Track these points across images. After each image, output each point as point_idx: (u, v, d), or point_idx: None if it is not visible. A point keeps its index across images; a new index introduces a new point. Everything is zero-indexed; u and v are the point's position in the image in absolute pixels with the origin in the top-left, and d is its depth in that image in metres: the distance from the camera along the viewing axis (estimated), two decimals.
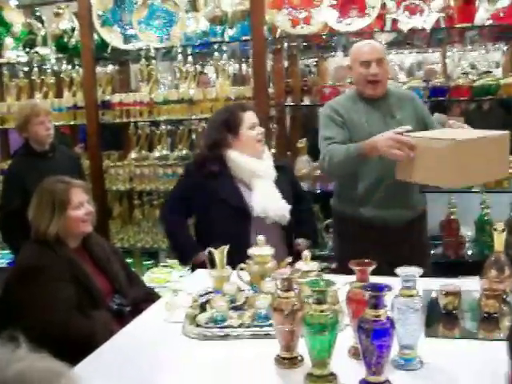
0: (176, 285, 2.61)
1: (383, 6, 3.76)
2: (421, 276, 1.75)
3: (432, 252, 3.92)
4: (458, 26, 3.71)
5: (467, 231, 4.10)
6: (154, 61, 4.39)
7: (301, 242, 3.07)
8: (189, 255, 2.98)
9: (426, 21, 3.68)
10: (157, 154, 4.49)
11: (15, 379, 0.94)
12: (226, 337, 2.00)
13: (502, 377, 1.51)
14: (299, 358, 1.75)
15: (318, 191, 3.98)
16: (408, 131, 2.97)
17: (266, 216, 2.90)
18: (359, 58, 3.00)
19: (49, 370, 1.00)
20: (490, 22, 3.68)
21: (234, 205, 2.92)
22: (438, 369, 1.73)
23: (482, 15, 3.77)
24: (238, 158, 2.98)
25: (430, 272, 2.96)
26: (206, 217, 3.00)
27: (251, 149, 3.00)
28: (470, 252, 4.01)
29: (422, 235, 3.25)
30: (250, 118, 3.02)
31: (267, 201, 2.91)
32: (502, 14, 3.59)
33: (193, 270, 2.98)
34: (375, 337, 1.53)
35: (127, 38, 4.36)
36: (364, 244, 2.86)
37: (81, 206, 2.63)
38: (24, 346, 1.01)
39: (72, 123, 4.67)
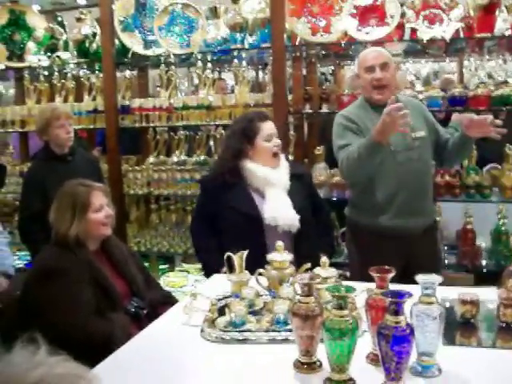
0: (194, 289, 2.63)
1: (403, 15, 3.78)
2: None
3: (447, 261, 3.93)
4: (477, 36, 3.71)
5: (483, 241, 4.09)
6: (173, 67, 4.43)
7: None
8: (212, 271, 2.95)
9: (445, 31, 3.69)
10: (175, 159, 4.54)
11: None
12: (244, 341, 2.01)
13: None
14: (318, 362, 1.76)
15: (335, 199, 3.98)
16: (423, 137, 3.05)
17: (277, 224, 2.93)
18: (364, 64, 3.03)
19: (68, 373, 1.01)
20: (509, 32, 3.68)
21: (246, 212, 2.96)
22: (455, 377, 1.73)
23: (501, 25, 3.78)
24: (252, 167, 3.01)
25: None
26: (221, 225, 3.03)
27: (266, 160, 3.02)
28: (485, 262, 4.00)
29: (436, 244, 3.27)
30: (267, 128, 3.02)
31: (278, 209, 2.94)
32: None
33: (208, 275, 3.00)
34: (395, 343, 1.54)
35: (147, 44, 4.41)
36: (379, 253, 2.85)
37: (101, 208, 2.66)
38: (43, 349, 1.03)
39: (91, 127, 4.71)
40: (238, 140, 3.03)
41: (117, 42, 4.43)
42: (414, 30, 3.81)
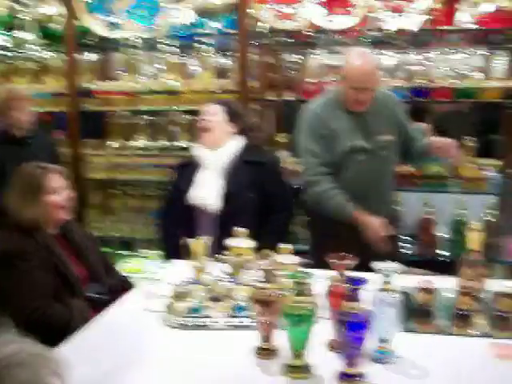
0: (156, 275, 2.61)
1: (369, 4, 3.79)
2: None
3: (408, 251, 3.97)
4: (441, 28, 3.74)
5: (443, 231, 4.15)
6: (137, 50, 4.37)
7: None
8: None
9: (411, 22, 3.72)
10: (137, 143, 4.49)
11: (7, 361, 0.95)
12: (204, 327, 2.01)
13: (473, 371, 1.54)
14: (277, 348, 1.77)
15: (298, 186, 3.98)
16: (389, 140, 3.07)
17: (194, 203, 3.01)
18: (352, 83, 2.95)
19: (38, 354, 1.01)
20: (474, 26, 3.73)
21: (183, 191, 3.06)
22: (412, 363, 1.76)
23: (466, 19, 3.82)
24: (193, 148, 3.13)
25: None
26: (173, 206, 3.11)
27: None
28: (444, 251, 4.06)
29: (395, 234, 3.28)
30: (204, 110, 3.15)
31: (200, 189, 3.02)
32: (485, 19, 3.63)
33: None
34: (353, 329, 1.56)
35: (112, 27, 4.33)
36: (337, 239, 2.77)
37: (59, 191, 2.60)
38: (12, 331, 1.03)
39: (52, 110, 4.61)
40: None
41: (80, 23, 4.34)
42: (379, 21, 3.82)
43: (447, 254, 4.01)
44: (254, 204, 3.08)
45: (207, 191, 3.02)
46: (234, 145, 3.14)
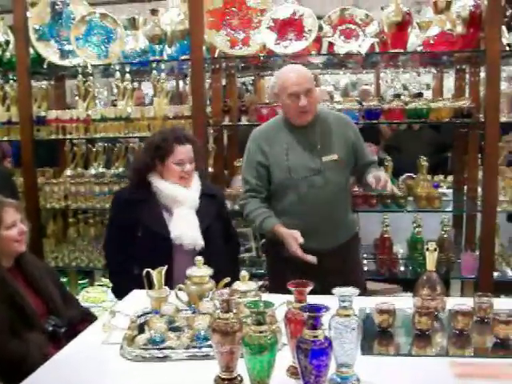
0: (113, 306, 2.58)
1: (320, 29, 3.86)
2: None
3: (366, 269, 4.01)
4: (391, 51, 3.83)
5: (400, 249, 4.22)
6: (91, 77, 4.35)
7: None
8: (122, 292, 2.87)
9: (361, 45, 3.80)
10: (93, 171, 4.45)
11: None
12: (164, 358, 1.99)
13: None
14: (239, 378, 1.75)
15: None
16: (335, 160, 3.01)
17: (181, 243, 2.93)
18: (287, 89, 2.92)
19: None
20: (421, 48, 3.83)
21: (155, 230, 2.95)
22: None
23: (414, 41, 3.92)
24: (161, 184, 3.00)
25: (364, 291, 3.03)
26: (131, 241, 2.99)
27: (174, 180, 3.01)
28: (402, 269, 4.11)
29: (356, 256, 3.30)
30: (180, 152, 2.98)
31: (182, 228, 2.94)
32: (431, 42, 3.73)
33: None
34: (313, 357, 1.56)
35: (64, 54, 4.30)
36: (295, 267, 2.80)
37: (13, 225, 2.58)
38: None
39: (5, 139, 4.54)
40: (150, 156, 3.01)
41: (32, 51, 4.29)
42: (331, 44, 3.90)
43: (406, 271, 4.07)
44: (221, 234, 3.11)
45: (189, 228, 2.96)
46: (197, 179, 3.12)
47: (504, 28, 3.62)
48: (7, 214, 2.57)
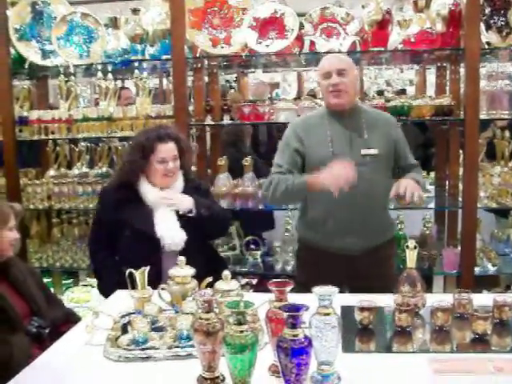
0: (96, 307, 2.58)
1: (301, 27, 3.87)
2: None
3: None
4: (372, 49, 3.85)
5: None
6: (73, 77, 4.33)
7: None
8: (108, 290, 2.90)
9: (342, 44, 3.82)
10: (76, 171, 4.44)
11: None
12: (147, 358, 2.00)
13: None
14: (221, 377, 1.77)
15: (238, 209, 4.01)
16: (374, 155, 2.90)
17: (163, 244, 2.96)
18: (321, 70, 2.93)
19: None
20: (402, 46, 3.85)
21: (143, 230, 2.97)
22: (355, 383, 1.79)
23: (396, 39, 3.94)
24: (144, 186, 3.03)
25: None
26: (117, 240, 3.02)
27: (157, 179, 3.03)
28: None
29: (390, 261, 3.11)
30: (163, 150, 2.99)
31: (164, 229, 2.97)
32: (412, 40, 3.76)
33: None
34: (294, 355, 1.58)
35: (45, 54, 4.28)
36: (320, 270, 2.79)
37: (13, 229, 2.63)
38: None
39: None
40: (135, 155, 3.03)
41: (13, 51, 4.27)
42: (312, 42, 3.91)
43: None
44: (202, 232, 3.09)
45: (170, 229, 2.98)
46: (181, 178, 3.13)
47: (483, 26, 3.65)
48: (11, 216, 2.62)
